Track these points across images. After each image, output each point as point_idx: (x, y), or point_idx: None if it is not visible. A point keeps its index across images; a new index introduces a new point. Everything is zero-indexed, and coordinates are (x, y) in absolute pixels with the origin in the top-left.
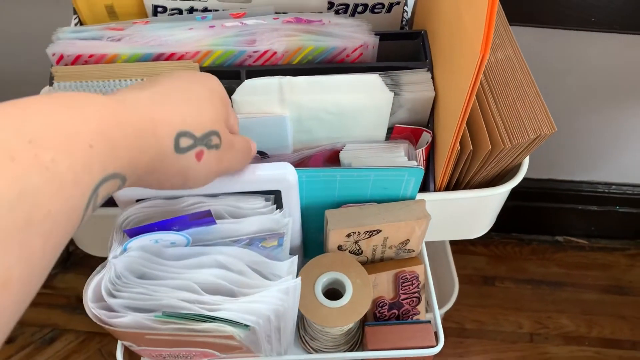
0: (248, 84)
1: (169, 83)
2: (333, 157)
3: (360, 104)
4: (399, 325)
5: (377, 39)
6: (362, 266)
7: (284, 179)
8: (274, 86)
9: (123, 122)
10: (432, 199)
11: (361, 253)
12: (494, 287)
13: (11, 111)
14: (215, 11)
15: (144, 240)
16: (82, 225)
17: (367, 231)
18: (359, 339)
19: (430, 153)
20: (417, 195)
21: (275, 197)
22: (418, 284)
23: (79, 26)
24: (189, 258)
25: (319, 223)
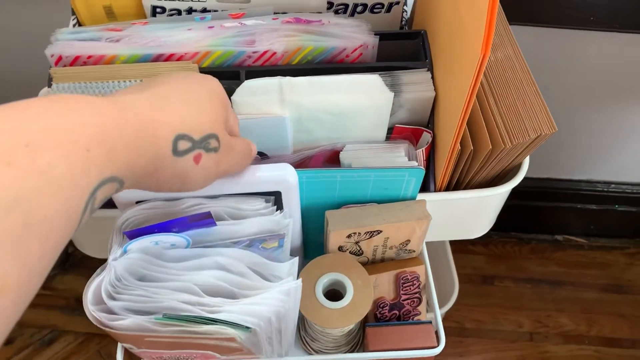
0: (248, 84)
1: (167, 85)
2: (333, 157)
3: (361, 104)
4: (400, 326)
5: (377, 39)
6: (363, 267)
7: (284, 180)
8: (273, 87)
9: (121, 126)
10: (433, 199)
11: (362, 254)
12: (493, 286)
13: (7, 114)
14: (214, 11)
15: (144, 242)
16: (81, 227)
17: (368, 232)
18: (359, 340)
19: (431, 153)
20: (418, 195)
21: (275, 198)
22: (419, 285)
23: (77, 27)
24: (189, 260)
25: (319, 224)
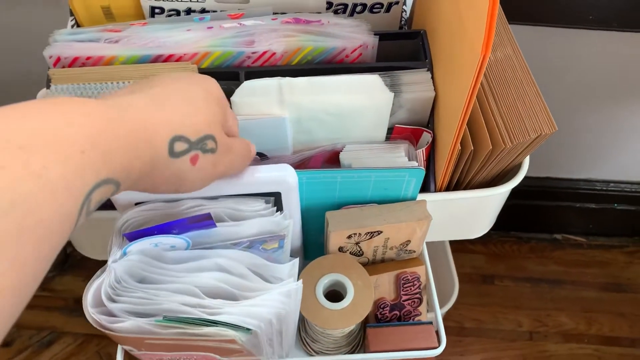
0: (247, 85)
1: (163, 86)
2: (333, 158)
3: (360, 104)
4: (400, 327)
5: (377, 39)
6: (363, 267)
7: (283, 180)
8: (273, 87)
9: (116, 128)
10: (433, 199)
11: (362, 254)
12: (493, 285)
13: (1, 118)
14: (213, 12)
15: (143, 244)
16: (80, 228)
17: (368, 232)
18: (360, 341)
19: (431, 153)
20: (418, 195)
21: (275, 199)
22: (419, 285)
23: (75, 28)
24: (189, 261)
25: (320, 225)
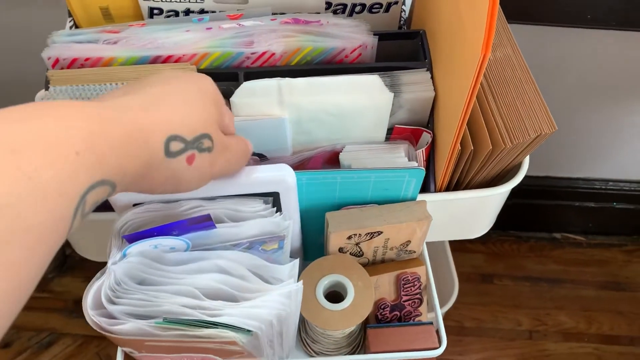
0: (247, 86)
1: (158, 85)
2: (333, 158)
3: (360, 104)
4: (401, 327)
5: (376, 39)
6: (364, 268)
7: (282, 180)
8: (272, 88)
9: (111, 129)
10: (433, 199)
11: (362, 255)
12: (492, 284)
13: None
14: (212, 12)
15: (143, 246)
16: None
17: (368, 233)
18: (361, 342)
19: (431, 153)
20: (418, 196)
21: (273, 199)
22: (419, 285)
23: (74, 29)
24: (189, 263)
25: (320, 225)
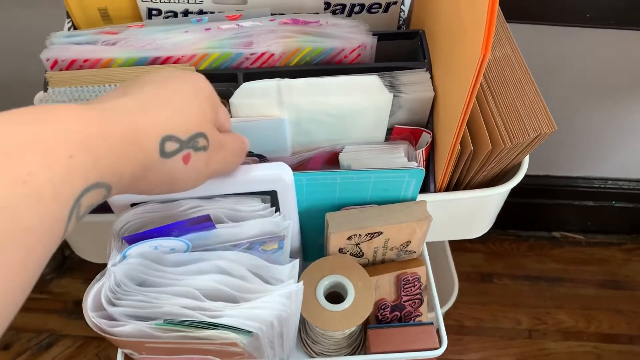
0: (246, 86)
1: (151, 86)
2: (332, 159)
3: (360, 105)
4: (401, 328)
5: (375, 39)
6: (364, 268)
7: (279, 178)
8: (272, 89)
9: (106, 132)
10: (433, 199)
11: (362, 255)
12: (491, 284)
13: None
14: (211, 13)
15: (143, 247)
16: (78, 231)
17: (368, 233)
18: (361, 342)
19: (430, 153)
20: (418, 196)
21: (271, 197)
22: (420, 286)
23: (72, 30)
24: (189, 264)
25: (319, 226)
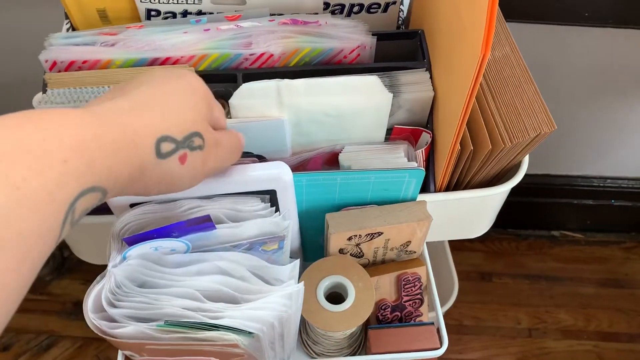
0: (245, 87)
1: (145, 87)
2: (332, 159)
3: (360, 105)
4: (402, 328)
5: (375, 39)
6: (364, 269)
7: (278, 177)
8: (271, 89)
9: (101, 135)
10: (433, 199)
11: (362, 256)
12: (491, 283)
13: None
14: (210, 14)
15: (143, 248)
16: (77, 233)
17: (369, 234)
18: (362, 343)
19: (430, 153)
20: (418, 196)
21: (270, 197)
22: (420, 286)
23: (71, 31)
24: (189, 265)
25: (320, 226)
